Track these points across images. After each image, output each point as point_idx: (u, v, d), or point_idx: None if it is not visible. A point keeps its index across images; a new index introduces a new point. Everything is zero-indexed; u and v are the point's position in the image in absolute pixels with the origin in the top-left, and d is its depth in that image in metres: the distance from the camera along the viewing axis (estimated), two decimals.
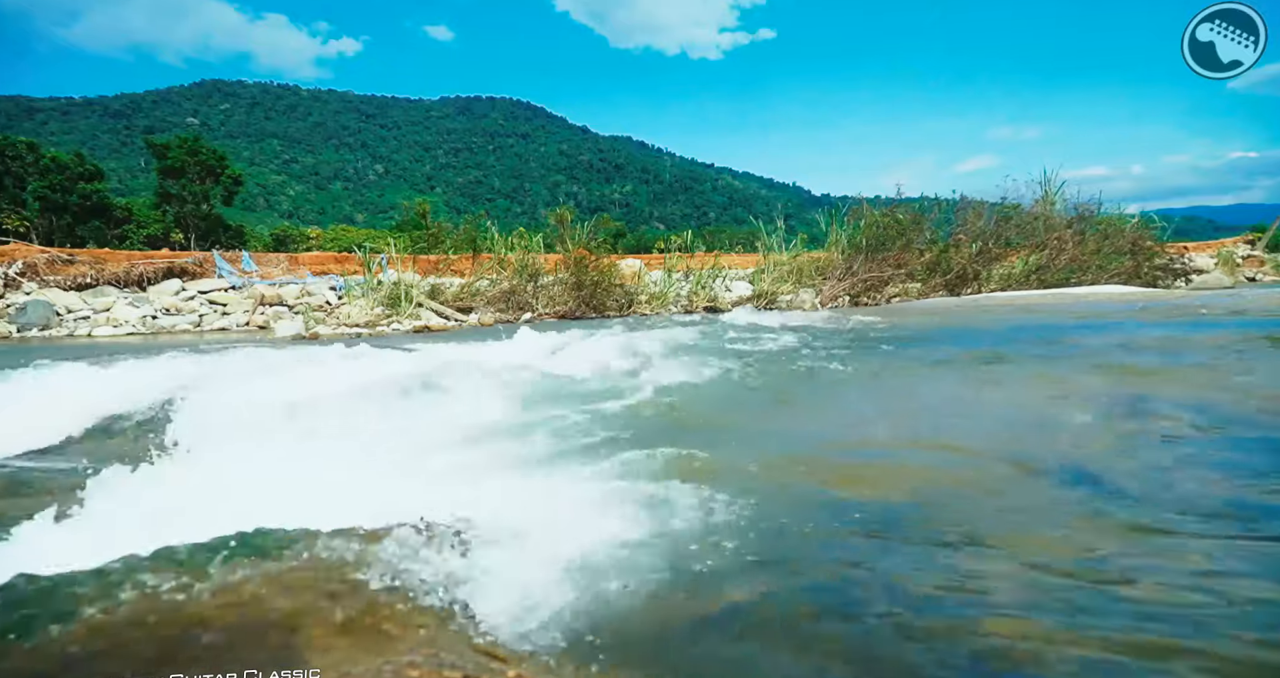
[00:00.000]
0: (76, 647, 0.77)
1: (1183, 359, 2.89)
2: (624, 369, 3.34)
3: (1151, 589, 1.00)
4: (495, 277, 10.25)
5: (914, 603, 0.99)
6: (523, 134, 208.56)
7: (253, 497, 1.56)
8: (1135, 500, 1.37)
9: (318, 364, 3.29)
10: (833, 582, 1.08)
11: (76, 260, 13.19)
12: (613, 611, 0.99)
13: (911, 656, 0.87)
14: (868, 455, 1.86)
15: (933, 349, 3.96)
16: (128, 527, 1.35)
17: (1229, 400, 2.13)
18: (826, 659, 0.87)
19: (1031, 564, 1.10)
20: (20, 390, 2.83)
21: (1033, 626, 0.91)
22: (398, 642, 0.82)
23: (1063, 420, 2.07)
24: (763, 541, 1.22)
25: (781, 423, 2.36)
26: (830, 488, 1.54)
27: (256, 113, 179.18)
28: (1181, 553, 1.12)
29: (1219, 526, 1.22)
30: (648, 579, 1.07)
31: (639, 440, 1.92)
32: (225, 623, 0.82)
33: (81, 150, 30.95)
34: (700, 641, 0.93)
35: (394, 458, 1.92)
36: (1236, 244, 19.15)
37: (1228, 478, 1.47)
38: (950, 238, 10.73)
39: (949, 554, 1.16)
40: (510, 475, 1.71)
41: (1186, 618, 0.91)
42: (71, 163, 26.12)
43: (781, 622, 0.97)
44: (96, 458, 2.24)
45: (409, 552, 1.02)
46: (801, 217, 25.43)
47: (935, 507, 1.40)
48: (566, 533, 1.20)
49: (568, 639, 0.91)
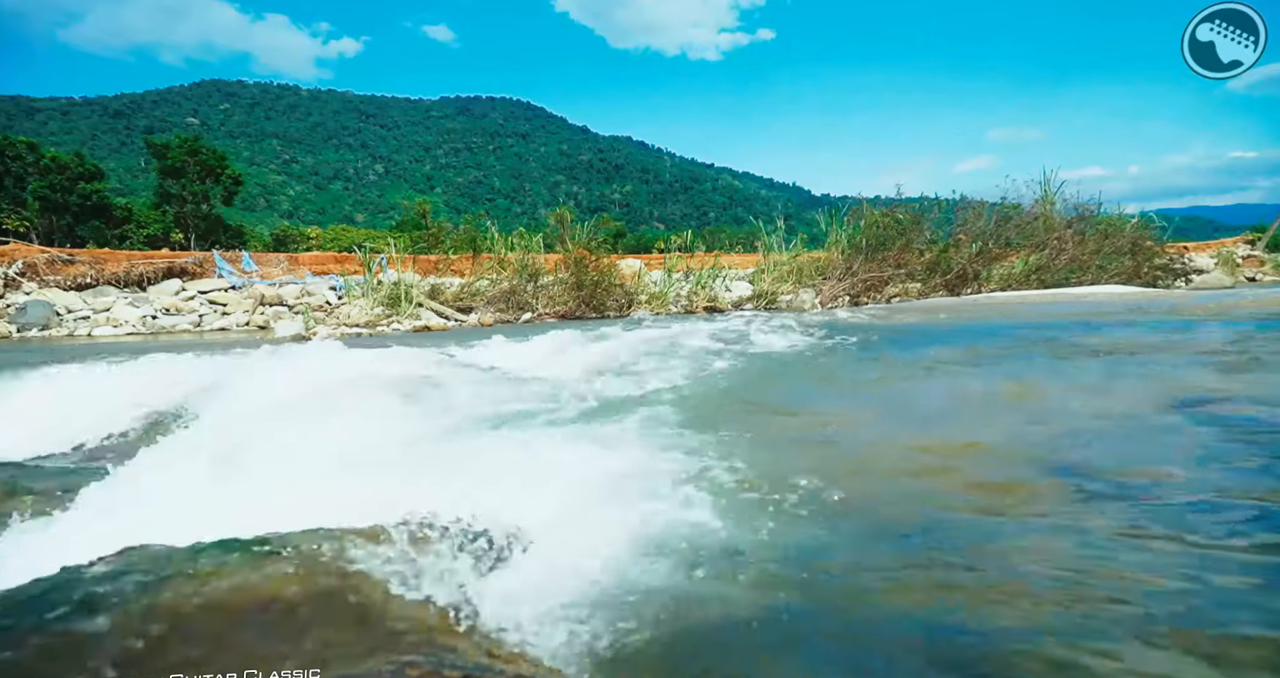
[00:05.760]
0: (76, 647, 0.77)
1: (1186, 359, 2.88)
2: (624, 370, 3.34)
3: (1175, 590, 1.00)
4: (495, 277, 10.25)
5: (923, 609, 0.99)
6: (523, 134, 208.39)
7: (252, 496, 1.56)
8: (1157, 508, 1.37)
9: (318, 364, 3.28)
10: (842, 585, 1.08)
11: (76, 260, 13.19)
12: (614, 611, 0.99)
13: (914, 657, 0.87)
14: (867, 456, 1.86)
15: (932, 350, 3.96)
16: (127, 527, 1.35)
17: (1230, 400, 2.13)
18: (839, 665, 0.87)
19: (1042, 565, 1.10)
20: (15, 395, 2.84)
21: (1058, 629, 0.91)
22: (398, 642, 0.82)
23: (1064, 421, 2.07)
24: (763, 540, 1.22)
25: (782, 424, 2.36)
26: (840, 492, 1.54)
27: (256, 113, 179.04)
28: (1202, 556, 1.12)
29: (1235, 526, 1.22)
30: (652, 579, 1.07)
31: (640, 442, 1.92)
32: (225, 623, 0.82)
33: (81, 150, 30.92)
34: (703, 641, 0.93)
35: (393, 457, 1.92)
36: (1236, 244, 19.15)
37: (1231, 477, 1.47)
38: (950, 238, 10.73)
39: (958, 553, 1.16)
40: (511, 474, 1.70)
41: (1194, 615, 0.91)
42: (71, 163, 26.08)
43: (783, 624, 0.97)
44: (97, 459, 2.24)
45: (409, 551, 1.02)
46: (801, 217, 25.42)
47: (945, 510, 1.40)
48: (567, 532, 1.20)
49: (569, 639, 0.91)
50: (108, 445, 2.52)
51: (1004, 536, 1.23)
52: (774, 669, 0.87)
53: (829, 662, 0.88)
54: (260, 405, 2.58)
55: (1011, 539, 1.21)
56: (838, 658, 0.89)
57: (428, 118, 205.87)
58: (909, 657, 0.87)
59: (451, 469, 1.80)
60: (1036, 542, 1.20)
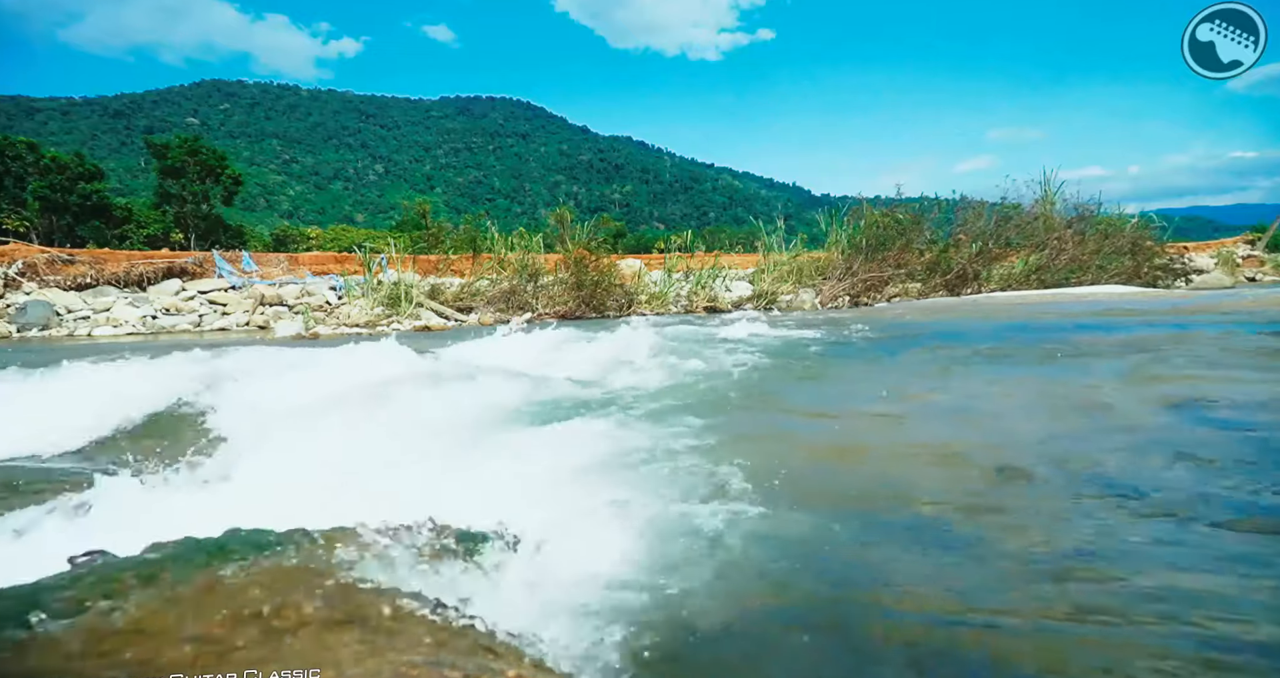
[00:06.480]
0: (76, 647, 0.77)
1: (1189, 359, 2.88)
2: (622, 369, 3.34)
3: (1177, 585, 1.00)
4: (495, 277, 10.26)
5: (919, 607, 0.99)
6: (523, 134, 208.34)
7: (252, 495, 1.57)
8: (1155, 504, 1.37)
9: (319, 363, 3.28)
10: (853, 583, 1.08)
11: (76, 260, 13.19)
12: (615, 609, 0.99)
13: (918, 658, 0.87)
14: (866, 455, 1.86)
15: (932, 349, 3.96)
16: (127, 528, 1.35)
17: (1230, 400, 2.13)
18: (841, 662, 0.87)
19: (1042, 563, 1.10)
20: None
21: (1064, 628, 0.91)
22: (398, 642, 0.82)
23: (1061, 419, 2.07)
24: (763, 539, 1.22)
25: (782, 423, 2.36)
26: (838, 489, 1.54)
27: (256, 113, 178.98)
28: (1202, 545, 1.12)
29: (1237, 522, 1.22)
30: (652, 578, 1.07)
31: (640, 441, 1.92)
32: (224, 622, 0.82)
33: (81, 150, 30.90)
34: (703, 641, 0.93)
35: (393, 457, 1.92)
36: (1236, 244, 19.15)
37: (1230, 477, 1.47)
38: (950, 238, 10.74)
39: (954, 553, 1.16)
40: (510, 474, 1.70)
41: (1197, 615, 0.91)
42: (71, 163, 26.08)
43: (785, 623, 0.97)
44: (97, 461, 2.24)
45: (409, 550, 1.02)
46: (801, 217, 25.41)
47: (944, 508, 1.40)
48: (568, 532, 1.20)
49: (569, 639, 0.91)
50: (110, 446, 2.52)
51: (1003, 533, 1.23)
52: (774, 669, 0.87)
53: (829, 661, 0.88)
54: (260, 406, 2.58)
55: (1010, 537, 1.21)
56: (836, 657, 0.89)
57: (428, 118, 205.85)
58: (909, 656, 0.87)
59: (450, 469, 1.80)
60: (1036, 541, 1.20)
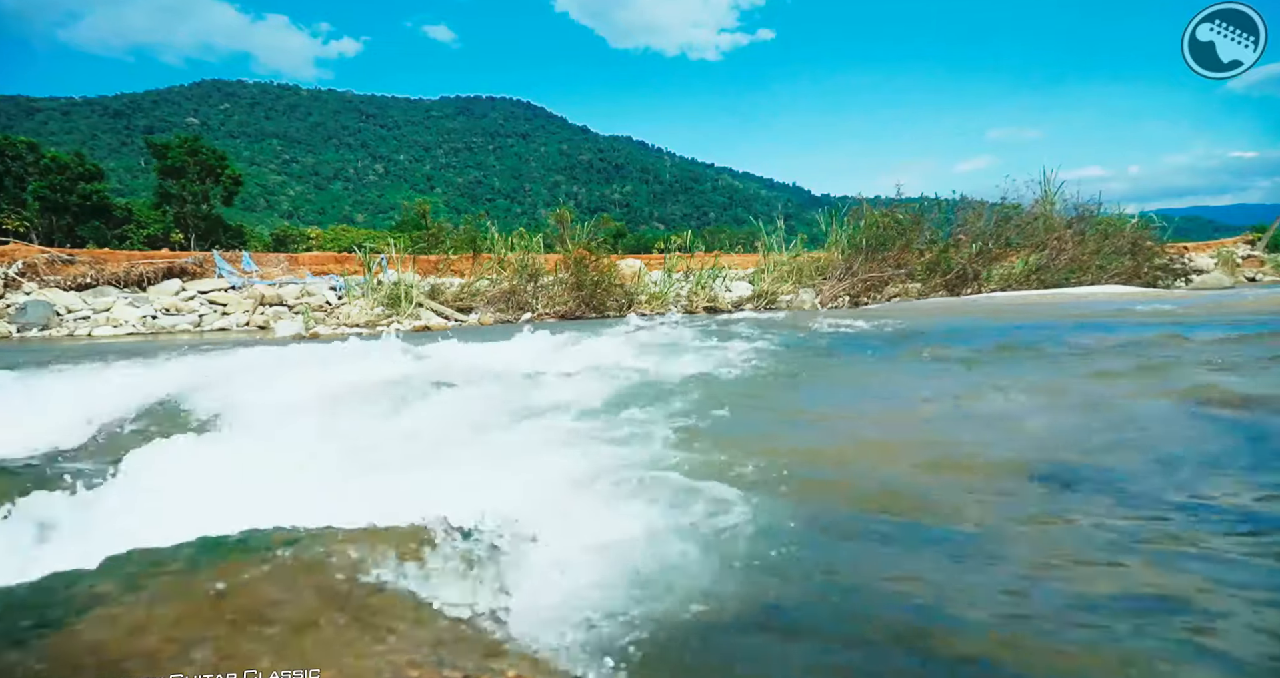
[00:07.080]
0: (75, 647, 0.77)
1: (1189, 359, 2.88)
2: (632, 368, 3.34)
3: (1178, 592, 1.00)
4: (495, 277, 10.26)
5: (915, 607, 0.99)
6: (523, 134, 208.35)
7: (252, 494, 1.57)
8: (1154, 508, 1.37)
9: (320, 363, 3.29)
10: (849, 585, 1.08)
11: (76, 260, 13.19)
12: (615, 609, 0.99)
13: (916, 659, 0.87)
14: (864, 454, 1.86)
15: (931, 349, 3.96)
16: (127, 527, 1.35)
17: (1230, 399, 2.13)
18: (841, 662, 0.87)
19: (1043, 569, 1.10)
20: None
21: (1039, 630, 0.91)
22: (398, 642, 0.82)
23: (1060, 419, 2.07)
24: (763, 537, 1.22)
25: (781, 422, 2.36)
26: (836, 488, 1.54)
27: (256, 113, 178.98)
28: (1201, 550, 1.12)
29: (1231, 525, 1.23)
30: (652, 577, 1.07)
31: (639, 440, 1.92)
32: (225, 622, 0.82)
33: (81, 150, 30.91)
34: (704, 640, 0.93)
35: (393, 457, 1.92)
36: (1236, 244, 19.18)
37: (1228, 476, 1.47)
38: (950, 238, 10.74)
39: (950, 556, 1.16)
40: (509, 473, 1.71)
41: (1193, 619, 0.91)
42: (71, 163, 26.09)
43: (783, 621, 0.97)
44: (98, 461, 2.24)
45: (409, 550, 1.02)
46: (801, 217, 25.43)
47: (942, 506, 1.40)
48: (568, 531, 1.20)
49: (570, 639, 0.91)
50: (112, 443, 2.52)
51: (1003, 533, 1.23)
52: (775, 668, 0.87)
53: (829, 661, 0.88)
54: (258, 407, 2.58)
55: (1011, 537, 1.21)
56: (837, 657, 0.89)
57: (428, 118, 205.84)
58: (908, 655, 0.87)
59: (448, 468, 1.80)
60: (1037, 541, 1.20)
